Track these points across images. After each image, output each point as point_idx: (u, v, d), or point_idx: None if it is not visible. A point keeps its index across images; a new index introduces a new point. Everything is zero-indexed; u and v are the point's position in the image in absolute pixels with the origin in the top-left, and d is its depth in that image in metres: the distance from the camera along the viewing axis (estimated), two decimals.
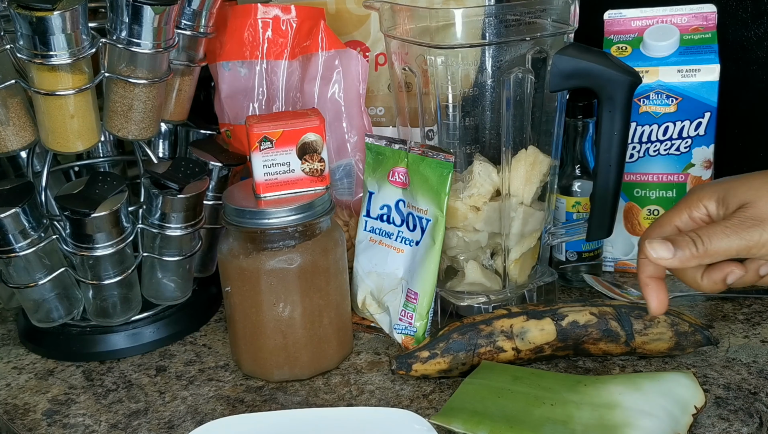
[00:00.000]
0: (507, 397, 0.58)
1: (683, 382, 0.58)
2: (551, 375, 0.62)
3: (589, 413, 0.55)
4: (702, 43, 0.77)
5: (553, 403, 0.57)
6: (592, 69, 0.64)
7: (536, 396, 0.58)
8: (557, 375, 0.62)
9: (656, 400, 0.56)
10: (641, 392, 0.57)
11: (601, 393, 0.58)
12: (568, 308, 0.66)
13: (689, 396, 0.57)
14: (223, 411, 0.65)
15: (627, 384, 0.58)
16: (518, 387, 0.59)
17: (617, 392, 0.57)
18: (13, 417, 0.67)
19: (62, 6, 0.61)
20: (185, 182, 0.72)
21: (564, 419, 0.55)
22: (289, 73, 0.83)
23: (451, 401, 0.59)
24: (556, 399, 0.57)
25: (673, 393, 0.57)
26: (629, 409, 0.55)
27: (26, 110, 0.69)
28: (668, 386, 0.58)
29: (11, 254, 0.68)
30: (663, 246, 0.53)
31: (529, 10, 0.65)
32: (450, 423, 0.57)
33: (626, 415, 0.55)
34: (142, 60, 0.68)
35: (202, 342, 0.77)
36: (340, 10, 0.86)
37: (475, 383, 0.61)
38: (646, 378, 0.59)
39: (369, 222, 0.76)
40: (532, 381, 0.60)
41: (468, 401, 0.58)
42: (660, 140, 0.79)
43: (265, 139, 0.67)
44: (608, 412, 0.55)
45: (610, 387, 0.58)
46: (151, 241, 0.74)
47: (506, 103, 0.67)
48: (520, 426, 0.55)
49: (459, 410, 0.58)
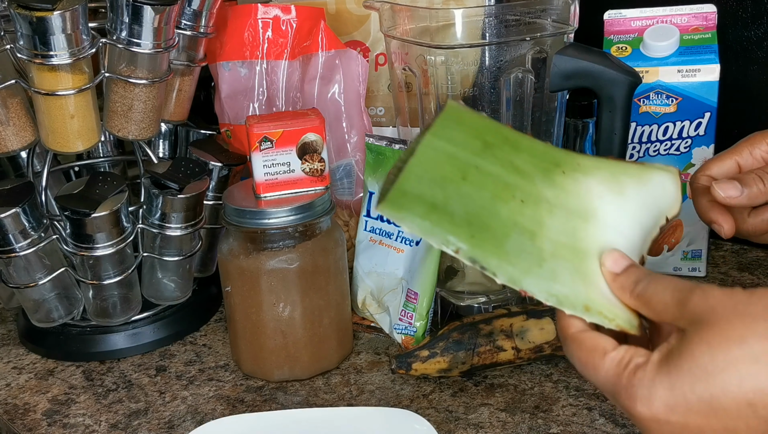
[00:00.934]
0: (473, 181, 0.47)
1: (669, 188, 0.50)
2: (528, 145, 0.50)
3: (561, 222, 0.47)
4: (702, 43, 0.77)
5: (524, 199, 0.47)
6: (592, 69, 0.64)
7: (506, 184, 0.47)
8: (534, 149, 0.50)
9: (636, 213, 0.49)
10: (623, 198, 0.49)
11: (580, 190, 0.48)
12: None
13: (666, 206, 0.50)
14: (223, 411, 0.65)
15: (611, 182, 0.49)
16: (488, 164, 0.48)
17: (597, 195, 0.48)
18: (13, 417, 0.67)
19: (62, 6, 0.61)
20: (185, 182, 0.72)
21: (533, 228, 0.46)
22: (289, 73, 0.83)
23: (405, 179, 0.45)
24: (529, 192, 0.47)
25: (653, 201, 0.50)
26: (605, 226, 0.47)
27: (26, 110, 0.69)
28: (651, 191, 0.50)
29: (11, 254, 0.68)
30: (731, 185, 0.52)
31: (529, 10, 0.65)
32: (400, 213, 0.44)
33: (600, 235, 0.47)
34: (142, 60, 0.68)
35: (202, 342, 0.77)
36: (340, 10, 0.86)
37: (436, 147, 0.48)
38: (631, 177, 0.50)
39: (369, 222, 0.76)
40: (505, 154, 0.49)
41: (425, 181, 0.46)
42: (660, 140, 0.79)
43: (265, 139, 0.67)
44: (582, 225, 0.47)
45: (590, 183, 0.49)
46: (151, 241, 0.74)
47: (506, 104, 0.67)
48: (483, 234, 0.45)
49: (415, 198, 0.45)
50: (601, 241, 0.47)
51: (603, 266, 0.45)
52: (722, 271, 0.83)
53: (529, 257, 0.45)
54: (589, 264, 0.46)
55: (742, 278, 0.81)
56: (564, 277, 0.45)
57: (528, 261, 0.45)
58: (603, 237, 0.47)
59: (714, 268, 0.84)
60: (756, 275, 0.82)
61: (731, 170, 0.56)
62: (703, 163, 0.57)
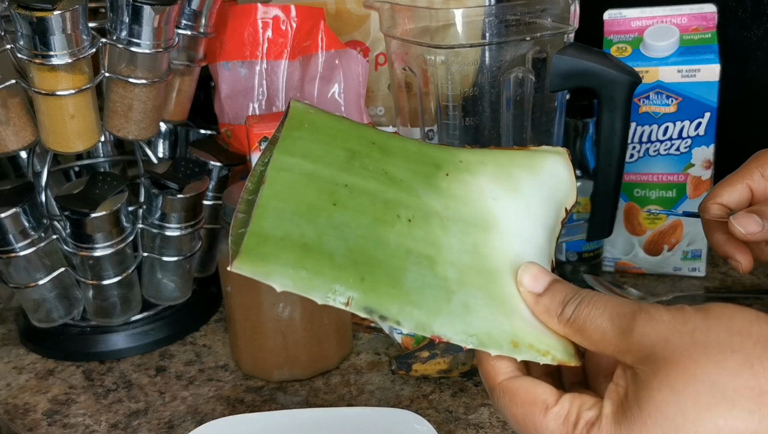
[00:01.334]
0: (346, 204, 0.38)
1: (562, 175, 0.44)
2: (399, 147, 0.42)
3: (459, 239, 0.39)
4: (702, 43, 0.77)
5: (411, 217, 0.39)
6: (592, 69, 0.64)
7: (386, 201, 0.39)
8: (407, 151, 0.43)
9: (536, 211, 0.42)
10: (519, 195, 0.42)
11: (470, 194, 0.41)
12: None
13: (564, 196, 0.44)
14: (223, 411, 0.65)
15: (500, 178, 0.42)
16: (359, 179, 0.40)
17: (490, 195, 0.41)
18: (13, 417, 0.67)
19: (62, 6, 0.61)
20: (185, 182, 0.72)
21: (429, 253, 0.39)
22: (289, 73, 0.83)
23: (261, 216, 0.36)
24: (414, 207, 0.40)
25: (551, 194, 0.44)
26: (509, 234, 0.41)
27: (26, 110, 0.69)
28: (546, 183, 0.44)
29: (11, 254, 0.68)
30: (750, 220, 0.49)
31: (529, 10, 0.65)
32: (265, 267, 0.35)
33: (506, 246, 0.40)
34: (142, 60, 0.68)
35: (202, 342, 0.77)
36: (340, 10, 0.86)
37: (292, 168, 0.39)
38: (522, 168, 0.43)
39: None
40: (376, 163, 0.41)
41: (288, 216, 0.37)
42: (660, 140, 0.79)
43: (265, 139, 0.67)
44: (483, 238, 0.40)
45: (480, 184, 0.42)
46: (151, 241, 0.74)
47: (506, 103, 0.67)
48: (374, 273, 0.36)
49: (280, 242, 0.36)
50: (510, 253, 0.40)
51: (520, 285, 0.38)
52: (722, 271, 0.83)
53: (434, 291, 0.37)
54: (504, 286, 0.39)
55: (742, 278, 0.81)
56: (479, 309, 0.37)
57: (434, 297, 0.37)
58: (510, 248, 0.40)
59: (714, 268, 0.84)
60: (756, 275, 0.82)
61: (744, 197, 0.52)
62: (712, 189, 0.54)
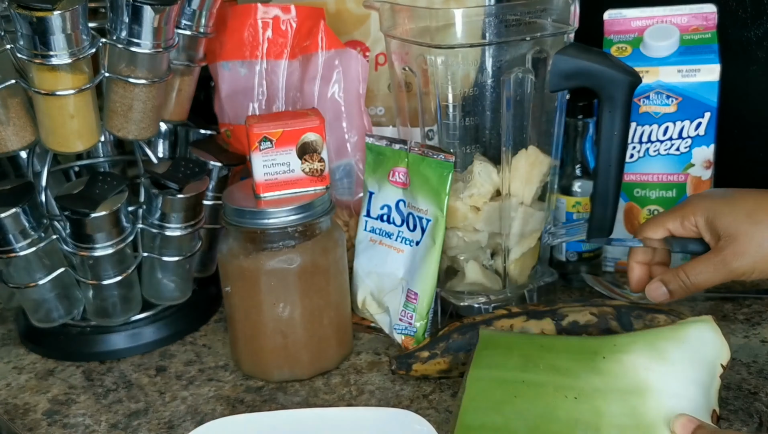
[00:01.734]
0: (524, 395, 0.51)
1: (707, 337, 0.53)
2: (563, 345, 0.55)
3: (619, 406, 0.50)
4: (702, 43, 0.77)
5: (577, 395, 0.50)
6: (592, 69, 0.64)
7: (555, 387, 0.51)
8: (570, 346, 0.55)
9: (686, 373, 0.51)
10: (668, 363, 0.51)
11: (626, 369, 0.51)
12: (568, 309, 0.66)
13: (715, 355, 0.52)
14: (223, 411, 0.65)
15: (650, 352, 0.52)
16: (532, 375, 0.52)
17: (642, 367, 0.51)
18: (13, 417, 0.67)
19: (62, 6, 0.61)
20: (185, 182, 0.72)
21: (594, 421, 0.49)
22: (289, 73, 0.83)
23: (464, 414, 0.51)
24: (579, 388, 0.51)
25: (699, 356, 0.52)
26: (662, 393, 0.50)
27: (26, 110, 0.69)
28: (695, 346, 0.52)
29: (11, 254, 0.68)
30: (658, 290, 0.65)
31: (529, 10, 0.65)
32: None
33: (660, 405, 0.49)
34: (142, 60, 0.68)
35: (202, 342, 0.77)
36: (340, 10, 0.86)
37: (482, 377, 0.53)
38: (670, 339, 0.53)
39: (369, 222, 0.76)
40: (545, 360, 0.53)
41: (482, 410, 0.51)
42: (660, 140, 0.79)
43: (265, 139, 0.67)
44: (639, 402, 0.50)
45: (633, 360, 0.52)
46: (151, 241, 0.74)
47: (506, 103, 0.67)
48: None
49: (478, 429, 0.51)
50: (664, 410, 0.49)
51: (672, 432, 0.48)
52: None
53: None
54: None
55: None
56: None
57: None
58: (664, 406, 0.49)
59: None
60: None
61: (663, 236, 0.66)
62: (641, 226, 0.68)
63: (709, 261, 0.62)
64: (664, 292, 0.64)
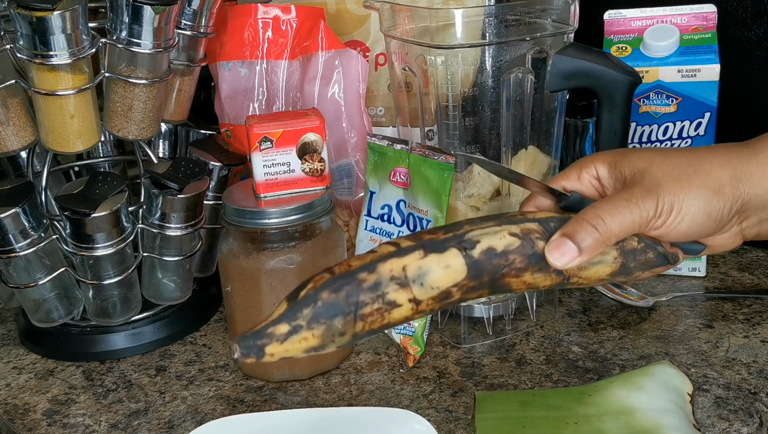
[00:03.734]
0: (531, 426, 0.57)
1: (670, 372, 0.60)
2: (551, 392, 0.62)
3: (615, 424, 0.56)
4: (702, 43, 0.77)
5: (577, 421, 0.57)
6: (592, 69, 0.64)
7: (557, 418, 0.57)
8: (557, 391, 0.62)
9: (663, 395, 0.58)
10: (645, 391, 0.58)
11: (610, 400, 0.58)
12: (478, 231, 0.47)
13: (680, 385, 0.59)
14: (223, 411, 0.65)
15: (628, 385, 0.59)
16: (533, 412, 0.58)
17: (624, 396, 0.58)
18: (13, 417, 0.67)
19: (62, 6, 0.61)
20: (185, 182, 0.72)
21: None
22: (289, 73, 0.83)
23: None
24: (576, 415, 0.57)
25: (669, 384, 0.59)
26: (647, 410, 0.56)
27: (26, 110, 0.69)
28: (662, 378, 0.59)
29: (11, 254, 0.68)
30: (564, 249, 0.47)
31: (529, 10, 0.65)
32: None
33: (649, 417, 0.56)
34: (142, 60, 0.68)
35: (202, 342, 0.77)
36: (340, 10, 0.86)
37: (489, 418, 0.58)
38: (640, 375, 0.60)
39: (370, 222, 0.76)
40: (540, 402, 0.59)
41: None
42: (660, 140, 0.79)
43: (265, 139, 0.67)
44: (631, 418, 0.56)
45: (614, 392, 0.58)
46: (151, 241, 0.74)
47: (506, 103, 0.67)
48: None
49: None
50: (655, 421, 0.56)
51: None
52: (722, 271, 0.83)
53: None
54: None
55: (742, 278, 0.81)
56: None
57: None
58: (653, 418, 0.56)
59: (714, 268, 0.84)
60: (756, 275, 0.82)
61: None
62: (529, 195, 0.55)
63: (624, 196, 0.49)
64: (572, 249, 0.47)
